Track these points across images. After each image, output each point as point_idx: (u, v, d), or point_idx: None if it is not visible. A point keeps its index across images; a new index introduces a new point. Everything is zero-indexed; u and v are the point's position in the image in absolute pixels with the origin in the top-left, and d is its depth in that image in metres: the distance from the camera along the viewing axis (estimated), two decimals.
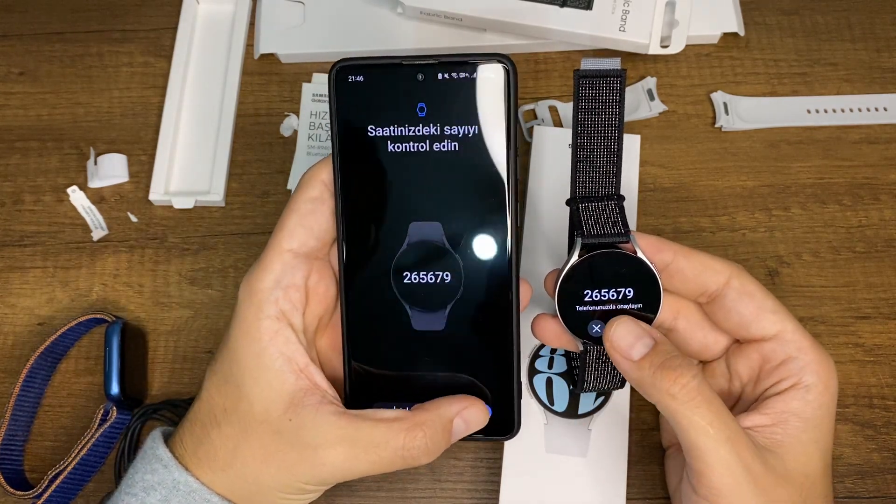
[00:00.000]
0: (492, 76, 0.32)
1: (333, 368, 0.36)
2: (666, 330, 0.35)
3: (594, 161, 0.32)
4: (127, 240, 0.45)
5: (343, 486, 0.40)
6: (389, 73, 0.32)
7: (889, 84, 0.47)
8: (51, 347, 0.42)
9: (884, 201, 0.45)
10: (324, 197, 0.33)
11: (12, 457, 0.41)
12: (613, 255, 0.32)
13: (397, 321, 0.34)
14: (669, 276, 0.33)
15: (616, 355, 0.32)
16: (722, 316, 0.34)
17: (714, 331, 0.35)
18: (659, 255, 0.33)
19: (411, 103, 0.32)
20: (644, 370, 0.31)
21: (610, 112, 0.32)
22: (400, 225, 0.33)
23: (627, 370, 0.31)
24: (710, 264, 0.33)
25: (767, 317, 0.33)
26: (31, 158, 0.47)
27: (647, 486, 0.40)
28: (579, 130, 0.32)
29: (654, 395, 0.31)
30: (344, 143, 0.33)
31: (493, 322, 0.33)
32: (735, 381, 0.35)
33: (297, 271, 0.33)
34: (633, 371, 0.31)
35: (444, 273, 0.33)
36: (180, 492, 0.32)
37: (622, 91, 0.31)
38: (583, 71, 0.31)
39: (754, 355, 0.34)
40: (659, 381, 0.30)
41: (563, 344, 0.34)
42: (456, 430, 0.32)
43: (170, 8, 0.50)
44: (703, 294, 0.34)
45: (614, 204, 0.32)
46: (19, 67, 0.49)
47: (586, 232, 0.32)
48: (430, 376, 0.34)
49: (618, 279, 0.32)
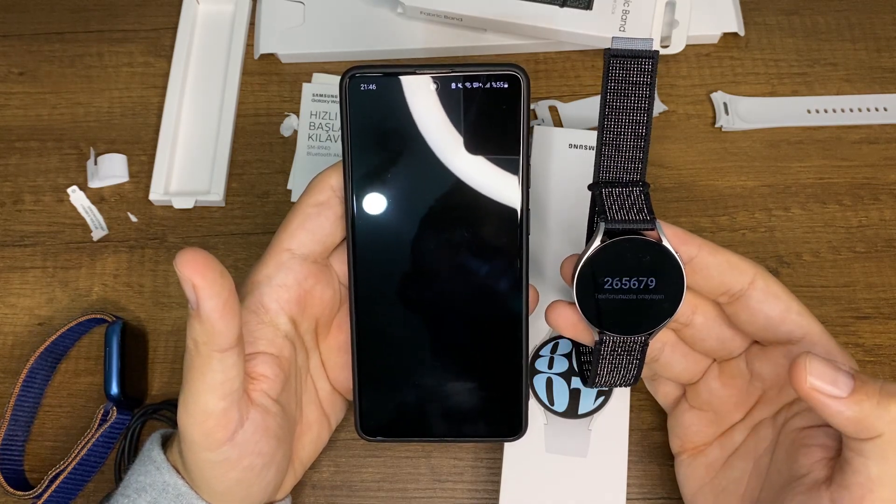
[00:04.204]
0: (505, 85, 0.31)
1: (337, 367, 0.36)
2: (683, 324, 0.34)
3: (620, 146, 0.31)
4: (127, 240, 0.45)
5: (343, 486, 0.40)
6: (402, 82, 0.32)
7: (889, 84, 0.47)
8: (51, 347, 0.42)
9: (884, 201, 0.45)
10: (331, 202, 0.33)
11: (12, 457, 0.41)
12: (638, 242, 0.30)
13: (408, 332, 0.34)
14: (693, 272, 0.32)
15: (819, 396, 0.28)
16: (746, 317, 0.33)
17: (731, 329, 0.34)
18: (684, 247, 0.32)
19: (424, 112, 0.32)
20: (864, 403, 0.28)
21: (640, 94, 0.30)
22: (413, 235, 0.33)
23: (839, 410, 0.28)
24: (735, 263, 0.32)
25: (794, 319, 0.32)
26: (31, 158, 0.47)
27: (647, 486, 0.40)
28: (607, 112, 0.30)
29: (877, 426, 0.28)
30: (355, 152, 0.32)
31: (504, 327, 0.34)
32: (756, 382, 0.34)
33: (291, 272, 0.33)
34: (850, 407, 0.28)
35: (459, 280, 0.33)
36: (169, 495, 0.32)
37: (654, 73, 0.30)
38: (614, 50, 0.30)
39: (781, 359, 0.33)
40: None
41: (578, 333, 0.33)
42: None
43: (170, 8, 0.50)
44: (725, 293, 0.33)
45: (640, 190, 0.31)
46: (19, 67, 0.49)
47: (610, 217, 0.30)
48: (440, 381, 0.34)
49: (640, 267, 0.31)
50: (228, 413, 0.30)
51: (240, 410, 0.31)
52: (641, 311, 0.31)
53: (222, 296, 0.28)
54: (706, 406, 0.36)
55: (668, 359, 0.35)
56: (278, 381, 0.33)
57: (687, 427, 0.36)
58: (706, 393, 0.35)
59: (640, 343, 0.32)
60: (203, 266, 0.28)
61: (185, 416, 0.30)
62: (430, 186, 0.32)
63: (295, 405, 0.35)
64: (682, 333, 0.35)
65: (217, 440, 0.30)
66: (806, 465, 0.31)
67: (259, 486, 0.33)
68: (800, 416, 0.32)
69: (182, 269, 0.28)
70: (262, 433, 0.32)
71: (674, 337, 0.35)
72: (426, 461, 0.41)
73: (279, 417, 0.32)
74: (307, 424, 0.36)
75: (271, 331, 0.33)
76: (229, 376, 0.30)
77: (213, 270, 0.28)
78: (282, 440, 0.33)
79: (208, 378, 0.29)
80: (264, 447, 0.32)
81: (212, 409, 0.30)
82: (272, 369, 0.32)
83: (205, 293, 0.28)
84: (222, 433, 0.30)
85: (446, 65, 0.32)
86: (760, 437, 0.34)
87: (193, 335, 0.29)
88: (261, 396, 0.32)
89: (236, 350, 0.29)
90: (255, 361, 0.32)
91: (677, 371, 0.36)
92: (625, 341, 0.32)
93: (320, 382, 0.36)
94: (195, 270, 0.28)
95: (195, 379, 0.30)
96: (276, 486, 0.34)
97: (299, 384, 0.35)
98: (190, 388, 0.30)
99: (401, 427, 0.35)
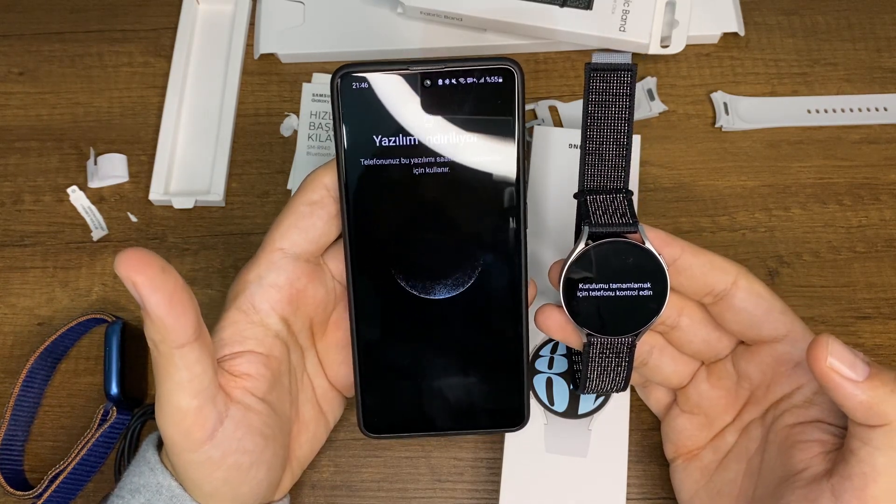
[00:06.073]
0: (500, 80, 0.31)
1: (336, 364, 0.36)
2: (670, 326, 0.35)
3: (603, 154, 0.32)
4: (127, 240, 0.45)
5: (343, 486, 0.40)
6: (394, 79, 0.32)
7: (889, 84, 0.47)
8: (51, 347, 0.42)
9: (884, 201, 0.45)
10: (324, 201, 0.33)
11: (12, 457, 0.41)
12: (621, 244, 0.31)
13: (408, 328, 0.34)
14: (676, 273, 0.33)
15: (835, 377, 0.29)
16: (731, 316, 0.33)
17: (717, 330, 0.35)
18: (667, 249, 0.33)
19: (418, 109, 0.32)
20: (878, 389, 0.28)
21: (620, 105, 0.32)
22: (409, 231, 0.33)
23: (854, 392, 0.28)
24: (718, 263, 0.33)
25: (777, 317, 0.33)
26: (31, 158, 0.47)
27: (647, 486, 0.40)
28: (589, 123, 0.32)
29: (888, 413, 0.28)
30: (349, 151, 0.32)
31: (503, 320, 0.34)
32: (744, 382, 0.34)
33: (283, 272, 0.33)
34: (864, 391, 0.28)
35: (457, 274, 0.33)
36: (163, 496, 0.32)
37: (632, 85, 0.31)
38: (594, 64, 0.31)
39: (767, 358, 0.33)
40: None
41: (567, 336, 0.34)
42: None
43: (170, 8, 0.50)
44: (709, 293, 0.33)
45: (623, 197, 0.32)
46: (19, 67, 0.49)
47: (594, 221, 0.31)
48: (441, 374, 0.35)
49: (624, 269, 0.32)
50: (203, 411, 0.30)
51: (217, 408, 0.30)
52: (627, 312, 0.32)
53: (166, 290, 0.28)
54: (697, 409, 0.36)
55: (657, 362, 0.36)
56: (264, 380, 0.32)
57: (679, 432, 0.37)
58: (696, 396, 0.36)
59: (627, 345, 0.33)
60: (141, 263, 0.27)
61: (161, 418, 0.30)
62: (425, 183, 0.32)
63: (289, 404, 0.35)
64: (669, 336, 0.35)
65: (196, 440, 0.30)
66: (803, 460, 0.31)
67: (249, 485, 0.32)
68: (788, 414, 0.33)
69: (120, 269, 0.27)
70: (244, 431, 0.31)
71: (661, 340, 0.35)
72: (426, 461, 0.41)
73: (265, 415, 0.32)
74: (304, 423, 0.36)
75: (261, 330, 0.33)
76: (195, 373, 0.29)
77: (151, 267, 0.27)
78: (270, 438, 0.33)
79: (175, 377, 0.29)
80: (248, 445, 0.32)
81: (185, 407, 0.30)
82: (257, 368, 0.32)
83: (146, 290, 0.27)
84: (200, 432, 0.30)
85: (439, 61, 0.31)
86: (751, 438, 0.34)
87: (149, 334, 0.29)
88: (242, 394, 0.32)
89: (197, 345, 0.29)
90: (240, 360, 0.32)
91: (666, 374, 0.36)
92: (612, 343, 0.33)
93: (317, 381, 0.36)
94: (132, 268, 0.27)
95: (163, 379, 0.29)
96: (269, 486, 0.34)
97: (294, 383, 0.35)
98: (161, 390, 0.30)
99: (403, 422, 0.35)
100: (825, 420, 0.32)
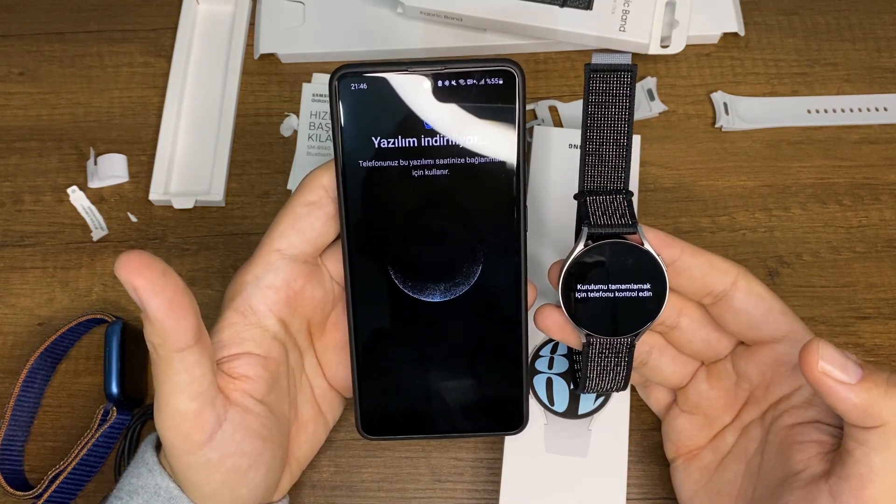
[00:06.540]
0: (500, 81, 0.31)
1: (335, 365, 0.36)
2: (670, 327, 0.35)
3: (603, 155, 0.32)
4: (127, 240, 0.45)
5: (343, 486, 0.40)
6: (394, 80, 0.31)
7: (889, 84, 0.47)
8: (51, 347, 0.42)
9: (884, 201, 0.45)
10: (322, 202, 0.33)
11: (12, 457, 0.41)
12: (620, 245, 0.31)
13: (407, 330, 0.34)
14: (676, 274, 0.33)
15: (828, 381, 0.28)
16: (730, 317, 0.33)
17: (717, 330, 0.35)
18: (666, 250, 0.33)
19: (417, 111, 0.32)
20: (872, 391, 0.28)
21: (620, 106, 0.31)
22: (407, 232, 0.33)
23: (847, 396, 0.28)
24: (717, 264, 0.33)
25: (777, 318, 0.33)
26: (31, 158, 0.47)
27: (647, 486, 0.40)
28: (589, 124, 0.32)
29: (883, 414, 0.28)
30: (347, 153, 0.32)
31: (503, 321, 0.34)
32: (743, 383, 0.34)
33: (280, 273, 0.33)
34: (858, 394, 0.28)
35: (457, 276, 0.33)
36: (161, 497, 0.32)
37: (632, 86, 0.31)
38: (594, 65, 0.31)
39: (766, 359, 0.33)
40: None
41: (566, 336, 0.34)
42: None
43: (170, 8, 0.50)
44: (708, 294, 0.33)
45: (622, 198, 0.32)
46: (19, 67, 0.49)
47: (593, 222, 0.31)
48: (440, 377, 0.34)
49: (624, 270, 0.32)
50: (202, 414, 0.30)
51: (216, 411, 0.30)
52: (626, 313, 0.32)
53: (166, 294, 0.27)
54: (696, 409, 0.36)
55: (657, 362, 0.36)
56: (262, 382, 0.32)
57: (679, 432, 0.37)
58: (695, 396, 0.36)
59: (626, 345, 0.33)
60: (141, 266, 0.27)
61: (160, 421, 0.30)
62: (424, 184, 0.32)
63: (288, 405, 0.35)
64: (669, 336, 0.35)
65: (195, 442, 0.30)
66: (802, 460, 0.31)
67: (247, 487, 0.32)
68: (787, 414, 0.33)
69: (120, 272, 0.27)
70: (243, 433, 0.31)
71: (661, 340, 0.35)
72: (426, 461, 0.41)
73: (263, 417, 0.32)
74: (303, 424, 0.36)
75: (259, 332, 0.33)
76: (195, 376, 0.29)
77: (152, 270, 0.27)
78: (268, 440, 0.33)
79: (174, 380, 0.29)
80: (247, 447, 0.32)
81: (184, 410, 0.30)
82: (255, 370, 0.32)
83: (146, 293, 0.27)
84: (199, 435, 0.30)
85: (439, 61, 0.31)
86: (750, 438, 0.34)
87: (149, 338, 0.29)
88: (241, 396, 0.32)
89: (196, 349, 0.29)
90: (239, 362, 0.32)
91: (666, 374, 0.36)
92: (612, 343, 0.33)
93: (316, 381, 0.36)
94: (133, 271, 0.27)
95: (162, 382, 0.29)
96: (267, 487, 0.34)
97: (293, 384, 0.35)
98: (160, 393, 0.30)
99: (402, 424, 0.35)
100: (824, 421, 0.32)
